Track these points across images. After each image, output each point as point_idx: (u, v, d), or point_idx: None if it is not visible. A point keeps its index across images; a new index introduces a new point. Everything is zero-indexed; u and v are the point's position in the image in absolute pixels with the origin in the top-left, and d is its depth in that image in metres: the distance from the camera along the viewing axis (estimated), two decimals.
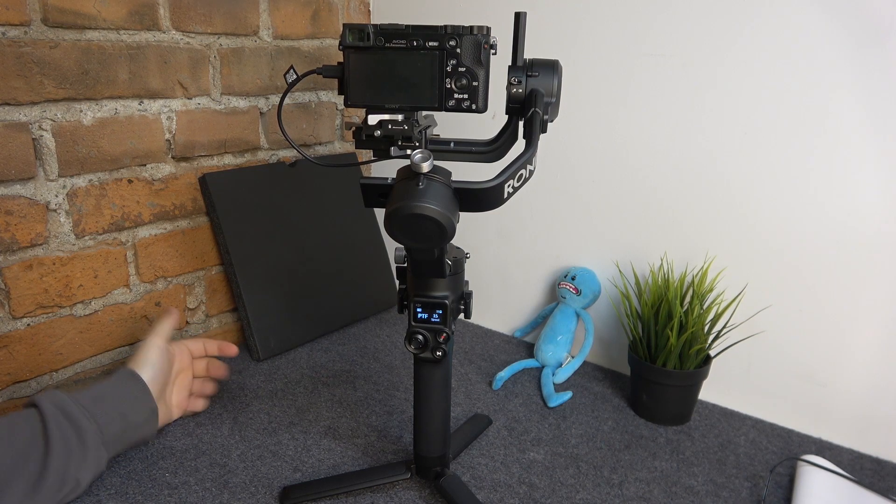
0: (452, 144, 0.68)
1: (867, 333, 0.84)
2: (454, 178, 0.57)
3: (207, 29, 0.98)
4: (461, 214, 0.57)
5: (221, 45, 1.00)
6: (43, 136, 0.82)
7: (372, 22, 1.18)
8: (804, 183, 0.85)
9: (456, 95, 0.59)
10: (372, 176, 0.77)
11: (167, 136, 0.96)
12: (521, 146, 0.59)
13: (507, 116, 0.66)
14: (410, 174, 0.55)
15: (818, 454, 0.83)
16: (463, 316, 0.71)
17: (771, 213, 0.88)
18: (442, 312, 0.66)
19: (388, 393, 0.96)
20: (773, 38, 0.83)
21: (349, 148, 1.27)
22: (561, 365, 1.02)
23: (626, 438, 0.87)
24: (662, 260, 0.98)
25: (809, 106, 0.82)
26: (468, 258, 0.69)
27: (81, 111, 0.86)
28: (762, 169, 0.87)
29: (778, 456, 0.85)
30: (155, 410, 0.73)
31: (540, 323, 1.11)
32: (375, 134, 0.61)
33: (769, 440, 0.88)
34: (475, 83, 0.59)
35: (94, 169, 0.88)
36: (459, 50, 0.58)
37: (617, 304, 1.04)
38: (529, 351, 1.11)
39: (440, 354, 0.67)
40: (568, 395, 0.95)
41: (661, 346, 0.88)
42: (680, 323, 0.86)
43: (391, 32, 0.58)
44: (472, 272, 0.87)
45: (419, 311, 0.67)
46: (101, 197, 0.90)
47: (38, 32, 0.80)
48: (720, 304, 0.89)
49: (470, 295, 0.70)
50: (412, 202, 0.53)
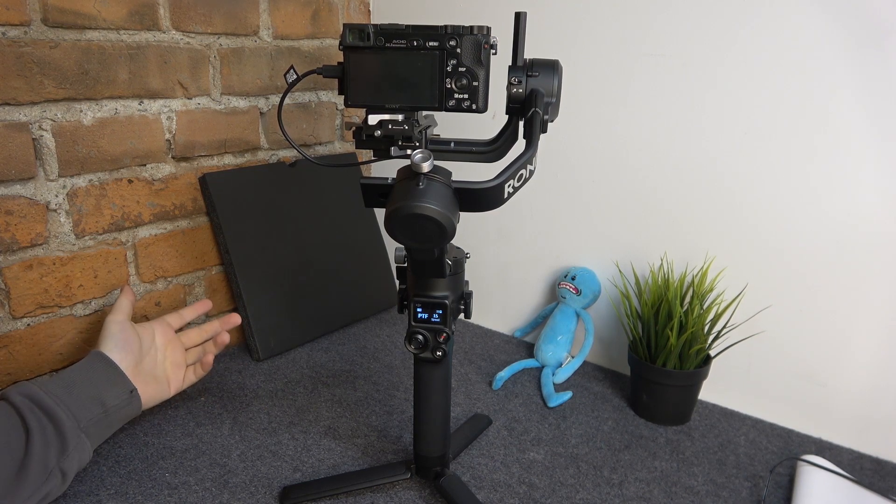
0: (452, 144, 0.68)
1: (867, 333, 0.84)
2: (454, 178, 0.57)
3: (207, 29, 0.98)
4: (461, 214, 0.57)
5: (221, 45, 1.00)
6: (43, 136, 0.82)
7: (372, 22, 1.18)
8: (804, 183, 0.85)
9: (456, 95, 0.59)
10: (372, 176, 0.77)
11: (167, 136, 0.96)
12: (521, 146, 0.59)
13: (507, 116, 0.66)
14: (410, 174, 0.55)
15: (818, 454, 0.83)
16: (463, 316, 0.71)
17: (771, 213, 0.88)
18: (442, 312, 0.66)
19: (388, 393, 0.96)
20: (773, 38, 0.83)
21: (349, 148, 1.27)
22: (561, 365, 1.02)
23: (626, 438, 0.87)
24: (662, 260, 0.98)
25: (809, 106, 0.82)
26: (468, 258, 0.69)
27: (81, 111, 0.86)
28: (762, 169, 0.87)
29: (778, 456, 0.85)
30: (134, 390, 0.72)
31: (540, 323, 1.11)
32: (375, 134, 0.61)
33: (769, 440, 0.88)
34: (475, 83, 0.59)
35: (94, 169, 0.88)
36: (459, 50, 0.58)
37: (617, 304, 1.04)
38: (529, 351, 1.11)
39: (440, 354, 0.67)
40: (568, 395, 0.96)
41: (661, 346, 0.88)
42: (680, 323, 0.86)
43: (391, 32, 0.58)
44: (472, 272, 0.87)
45: (419, 311, 0.67)
46: (101, 197, 0.90)
47: (38, 32, 0.80)
48: (720, 304, 0.89)
49: (470, 295, 0.70)
50: (412, 202, 0.53)
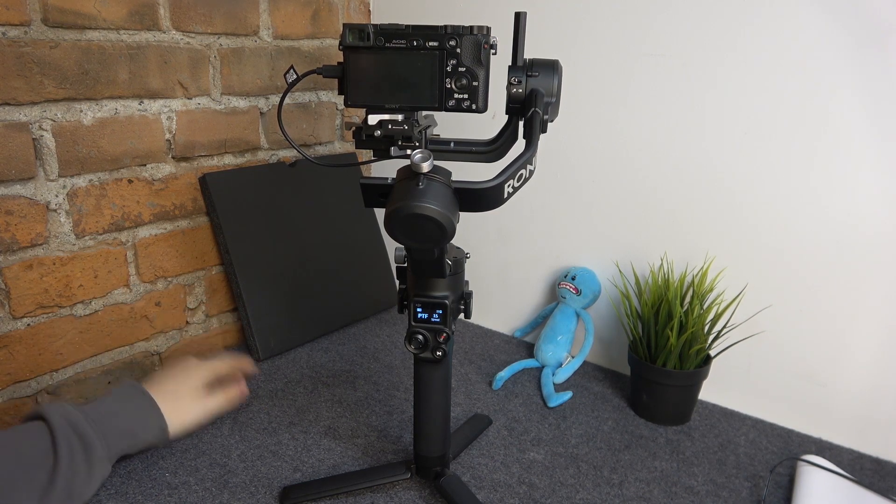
0: (452, 144, 0.68)
1: (867, 333, 0.84)
2: (454, 178, 0.57)
3: (207, 29, 0.98)
4: (461, 214, 0.57)
5: (221, 45, 1.00)
6: (43, 136, 0.82)
7: (372, 22, 1.18)
8: (804, 183, 0.85)
9: (456, 95, 0.59)
10: (372, 176, 0.77)
11: (167, 136, 0.96)
12: (521, 146, 0.59)
13: (507, 116, 0.66)
14: (410, 174, 0.55)
15: (818, 454, 0.83)
16: (463, 316, 0.71)
17: (771, 213, 0.88)
18: (442, 312, 0.66)
19: (388, 393, 0.96)
20: (773, 38, 0.83)
21: (349, 148, 1.27)
22: (561, 365, 1.02)
23: (626, 438, 0.87)
24: (662, 260, 0.98)
25: (809, 106, 0.82)
26: (468, 258, 0.69)
27: (81, 111, 0.86)
28: (762, 169, 0.87)
29: (778, 456, 0.85)
30: (165, 429, 0.72)
31: (540, 323, 1.11)
32: (375, 134, 0.61)
33: (769, 440, 0.88)
34: (475, 83, 0.59)
35: (94, 169, 0.88)
36: (459, 50, 0.58)
37: (617, 304, 1.04)
38: (529, 351, 1.11)
39: (440, 354, 0.67)
40: (568, 395, 0.95)
41: (661, 346, 0.88)
42: (680, 323, 0.86)
43: (391, 32, 0.58)
44: (472, 272, 0.87)
45: (419, 311, 0.67)
46: (101, 197, 0.90)
47: (38, 32, 0.80)
48: (720, 304, 0.89)
49: (470, 295, 0.70)
50: (412, 202, 0.53)
